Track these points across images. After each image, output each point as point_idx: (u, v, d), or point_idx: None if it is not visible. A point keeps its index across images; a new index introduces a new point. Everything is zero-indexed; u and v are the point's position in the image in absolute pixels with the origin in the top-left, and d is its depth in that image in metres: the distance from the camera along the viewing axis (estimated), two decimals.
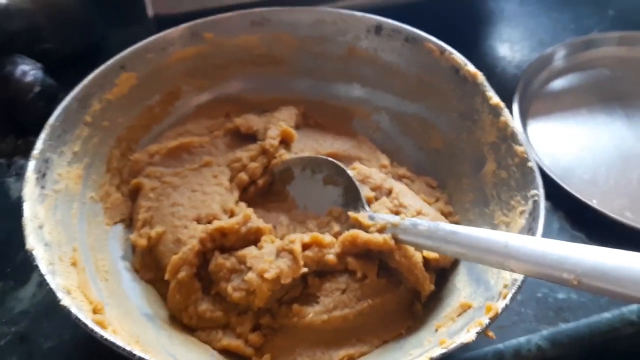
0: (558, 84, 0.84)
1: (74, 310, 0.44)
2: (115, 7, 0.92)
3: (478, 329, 0.44)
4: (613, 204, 0.70)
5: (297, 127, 0.67)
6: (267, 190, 0.64)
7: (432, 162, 0.67)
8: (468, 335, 0.44)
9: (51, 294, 0.61)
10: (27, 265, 0.64)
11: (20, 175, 0.74)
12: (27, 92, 0.76)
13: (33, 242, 0.48)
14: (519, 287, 0.46)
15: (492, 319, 0.45)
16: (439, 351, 0.43)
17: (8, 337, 0.59)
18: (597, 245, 0.41)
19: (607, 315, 0.59)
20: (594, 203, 0.67)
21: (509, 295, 0.46)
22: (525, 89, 0.80)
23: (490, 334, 0.45)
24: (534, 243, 0.44)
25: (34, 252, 0.47)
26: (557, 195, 0.68)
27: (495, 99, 0.59)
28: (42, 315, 0.60)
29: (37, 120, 0.79)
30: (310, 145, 0.66)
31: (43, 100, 0.78)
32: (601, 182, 0.73)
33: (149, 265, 0.59)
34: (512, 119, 0.57)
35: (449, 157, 0.65)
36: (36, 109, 0.78)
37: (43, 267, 0.46)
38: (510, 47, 0.90)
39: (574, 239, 0.66)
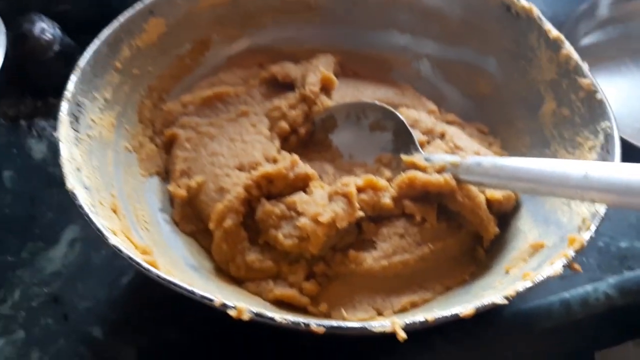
0: (600, 35, 0.81)
1: (124, 249, 0.40)
2: None
3: (564, 260, 0.41)
4: None
5: (335, 76, 0.63)
6: (308, 140, 0.61)
7: (480, 109, 0.63)
8: (553, 267, 0.40)
9: (84, 253, 0.59)
10: (56, 225, 0.61)
11: (42, 136, 0.70)
12: (46, 51, 0.72)
13: (73, 182, 0.44)
14: (602, 219, 0.43)
15: (578, 251, 0.42)
16: (524, 284, 0.40)
17: (41, 299, 0.55)
18: None
19: None
20: None
21: (593, 227, 0.42)
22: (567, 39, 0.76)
23: (577, 266, 0.42)
24: (617, 169, 0.41)
25: (75, 192, 0.44)
26: None
27: (554, 32, 0.55)
28: (75, 276, 0.57)
29: (57, 80, 0.76)
30: (351, 94, 0.63)
31: (62, 60, 0.74)
32: None
33: (189, 217, 0.55)
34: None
35: (499, 102, 0.61)
36: (55, 69, 0.74)
37: (86, 208, 0.43)
38: None
39: None
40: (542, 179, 0.44)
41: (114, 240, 0.41)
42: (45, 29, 0.73)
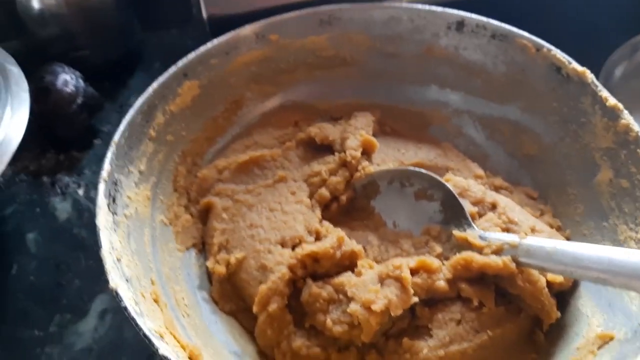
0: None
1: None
2: (153, 9, 0.85)
3: None
4: None
5: (374, 135, 0.61)
6: (349, 206, 0.58)
7: (526, 171, 0.61)
8: None
9: (115, 326, 0.56)
10: (84, 294, 0.59)
11: (66, 194, 0.68)
12: (69, 104, 0.70)
13: (116, 279, 0.42)
14: None
15: None
16: None
17: None
18: None
19: None
20: None
21: None
22: (606, 84, 0.74)
23: None
24: None
25: (119, 292, 0.41)
26: None
27: (611, 100, 0.53)
28: (107, 353, 0.55)
29: (80, 133, 0.74)
30: (392, 155, 0.60)
31: (86, 112, 0.72)
32: None
33: (229, 295, 0.53)
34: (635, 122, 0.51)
35: (547, 164, 0.59)
36: (79, 122, 0.72)
37: (131, 309, 0.40)
38: (588, 36, 0.83)
39: None
40: (613, 270, 0.41)
41: (164, 349, 0.38)
42: (68, 80, 0.70)
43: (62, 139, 0.73)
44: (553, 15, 0.81)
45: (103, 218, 0.45)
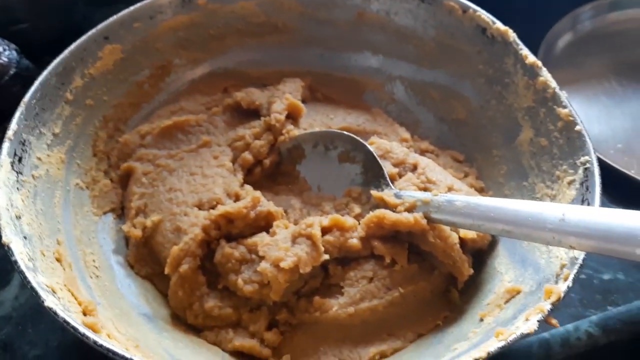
0: (582, 49, 0.78)
1: (60, 311, 0.37)
2: None
3: (539, 316, 0.38)
4: None
5: (303, 101, 0.60)
6: (274, 171, 0.57)
7: (455, 135, 0.61)
8: (529, 325, 0.37)
9: (35, 295, 0.55)
10: (7, 264, 0.58)
11: None
12: (1, 75, 0.68)
13: (10, 234, 0.41)
14: (581, 266, 0.40)
15: (555, 304, 0.39)
16: (497, 344, 0.36)
17: None
18: None
19: None
20: (632, 173, 0.61)
21: (571, 276, 0.40)
22: (547, 56, 0.73)
23: (554, 321, 0.39)
24: (597, 214, 0.38)
25: (11, 246, 0.40)
26: None
27: (531, 57, 0.52)
28: (27, 320, 0.53)
29: (13, 106, 0.73)
30: (320, 120, 0.59)
31: (19, 84, 0.70)
32: (637, 150, 0.67)
33: (145, 258, 0.52)
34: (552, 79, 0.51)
35: (475, 128, 0.59)
36: (11, 93, 0.70)
37: (22, 264, 0.39)
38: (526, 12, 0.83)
39: None
40: (517, 221, 0.41)
41: (50, 300, 0.38)
42: (0, 51, 0.69)
43: None
44: None
45: (4, 176, 0.44)
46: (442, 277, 0.49)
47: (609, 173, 0.61)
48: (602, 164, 0.61)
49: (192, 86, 0.63)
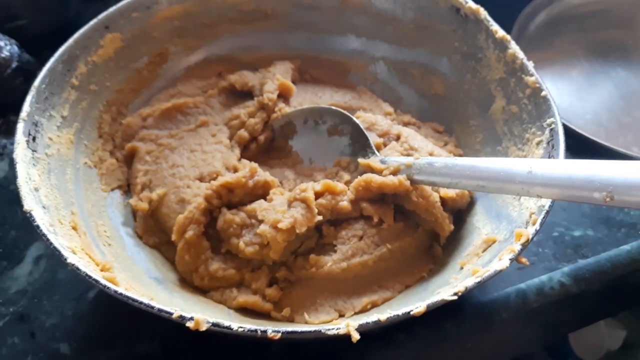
0: (554, 29, 0.83)
1: (82, 267, 0.41)
2: None
3: (511, 255, 0.43)
4: (618, 141, 0.69)
5: (293, 82, 0.65)
6: (268, 146, 0.62)
7: (435, 109, 0.65)
8: (501, 263, 0.42)
9: (49, 269, 0.59)
10: (20, 243, 0.61)
11: (3, 154, 0.70)
12: (3, 69, 0.72)
13: (31, 203, 0.45)
14: (547, 212, 0.45)
15: (524, 245, 0.43)
16: (473, 280, 0.41)
17: (7, 318, 0.55)
18: None
19: (626, 247, 0.58)
20: (599, 139, 0.66)
21: (539, 220, 0.44)
22: (520, 35, 0.78)
23: (524, 260, 0.44)
24: (559, 165, 0.42)
25: (32, 213, 0.44)
26: None
27: (500, 32, 0.57)
28: (41, 293, 0.57)
29: (16, 98, 0.76)
30: (309, 99, 0.64)
31: (21, 77, 0.74)
32: (604, 121, 0.72)
33: (152, 229, 0.56)
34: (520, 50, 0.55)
35: (453, 101, 0.63)
36: (14, 86, 0.74)
37: (44, 228, 0.43)
38: None
39: None
40: (490, 176, 0.46)
41: (72, 258, 0.41)
42: (2, 46, 0.73)
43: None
44: None
45: (22, 152, 0.48)
46: (425, 233, 0.53)
47: (578, 140, 0.66)
48: (571, 132, 0.67)
49: (188, 72, 0.67)
